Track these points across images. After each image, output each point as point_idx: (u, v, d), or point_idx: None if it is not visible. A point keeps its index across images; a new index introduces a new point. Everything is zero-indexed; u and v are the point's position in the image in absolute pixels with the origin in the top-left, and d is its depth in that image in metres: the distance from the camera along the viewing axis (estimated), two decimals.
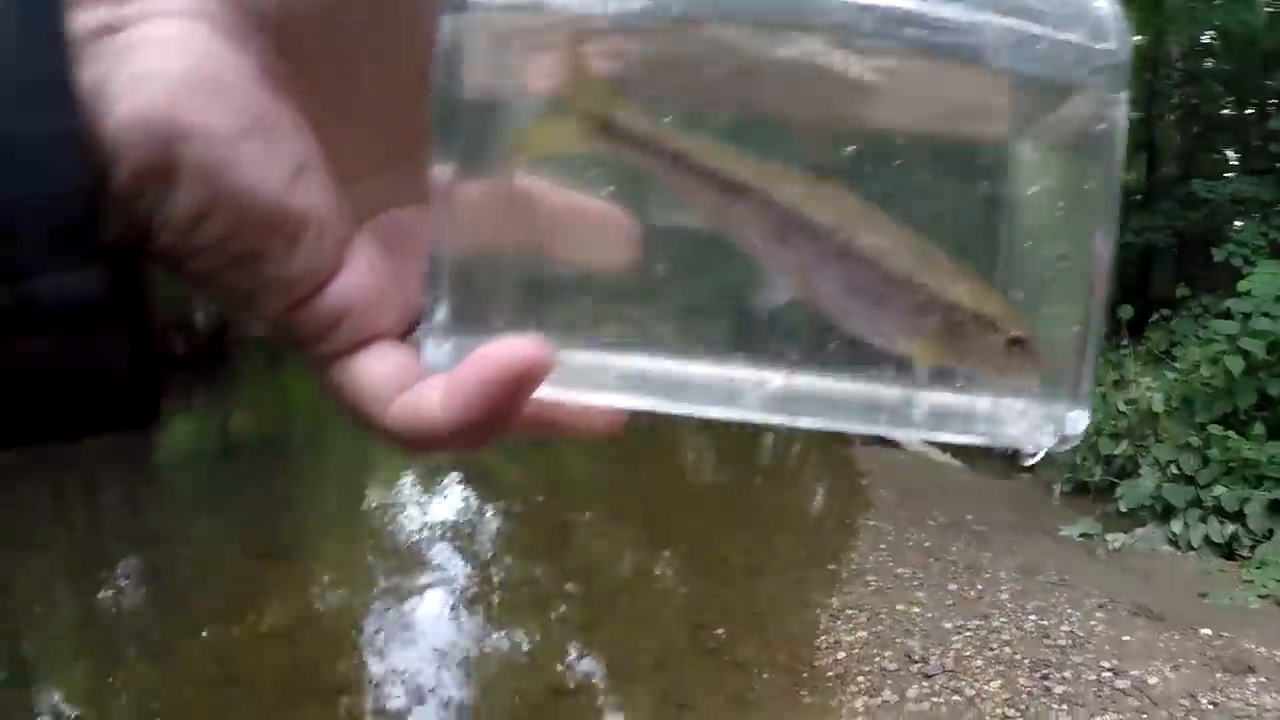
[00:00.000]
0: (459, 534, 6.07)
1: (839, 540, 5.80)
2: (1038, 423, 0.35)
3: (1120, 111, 0.33)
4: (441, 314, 0.33)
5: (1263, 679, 4.06)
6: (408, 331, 0.36)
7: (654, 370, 0.35)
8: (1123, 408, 6.82)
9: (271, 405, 10.85)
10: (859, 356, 0.35)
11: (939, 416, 0.35)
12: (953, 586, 5.08)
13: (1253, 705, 3.84)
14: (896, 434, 0.36)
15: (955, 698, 3.85)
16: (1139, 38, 17.55)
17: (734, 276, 0.35)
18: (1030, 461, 0.36)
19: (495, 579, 5.41)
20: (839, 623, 4.60)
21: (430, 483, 7.07)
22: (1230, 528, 5.33)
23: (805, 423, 0.35)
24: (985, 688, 3.91)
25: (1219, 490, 5.65)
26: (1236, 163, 14.98)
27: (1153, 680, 3.98)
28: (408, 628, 4.62)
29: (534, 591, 5.26)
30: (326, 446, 8.46)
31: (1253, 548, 5.45)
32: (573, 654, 4.49)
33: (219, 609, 4.68)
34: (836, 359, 0.35)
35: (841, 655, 4.25)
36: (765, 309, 0.35)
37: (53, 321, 0.29)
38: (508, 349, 0.31)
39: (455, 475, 7.22)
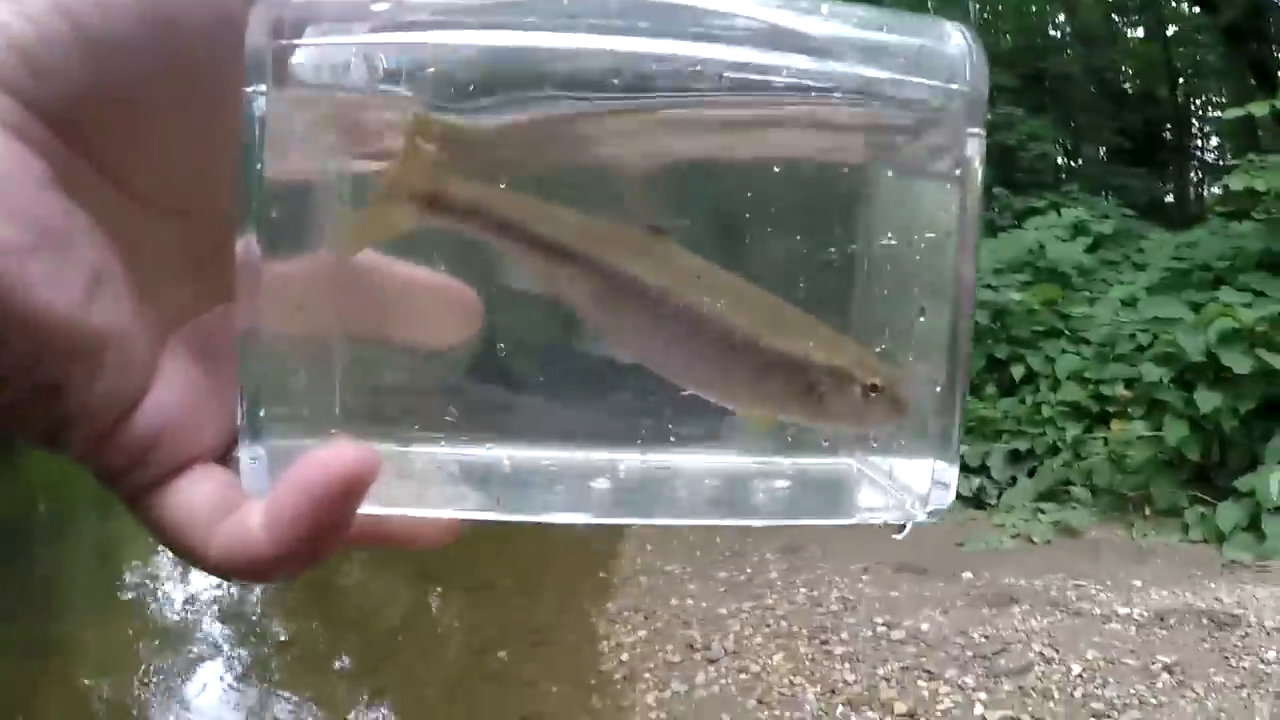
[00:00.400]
0: (224, 602, 5.73)
1: (606, 548, 5.81)
2: (902, 491, 0.34)
3: (975, 145, 0.32)
4: (251, 417, 0.30)
5: (1026, 606, 4.32)
6: (230, 449, 0.33)
7: (483, 471, 0.33)
8: None
9: (7, 489, 10.06)
10: (702, 433, 0.33)
11: (795, 499, 0.34)
12: (723, 574, 5.17)
13: (1021, 630, 4.08)
14: (755, 523, 0.35)
15: (742, 676, 3.89)
16: None
17: (570, 354, 0.34)
18: (900, 535, 0.32)
19: (269, 641, 5.14)
20: (618, 626, 4.59)
21: None
22: (976, 480, 5.67)
23: (658, 520, 0.33)
24: (769, 662, 3.97)
25: (963, 449, 5.97)
26: None
27: (925, 626, 4.15)
28: (186, 708, 4.31)
29: (310, 647, 5.03)
30: (72, 528, 7.90)
31: (999, 495, 5.82)
32: (360, 701, 4.30)
33: None
34: (681, 437, 0.33)
35: (625, 656, 4.24)
36: (601, 384, 0.33)
37: None
38: (328, 459, 0.28)
39: None
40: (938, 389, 0.33)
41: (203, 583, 6.18)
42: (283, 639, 5.18)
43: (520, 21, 0.29)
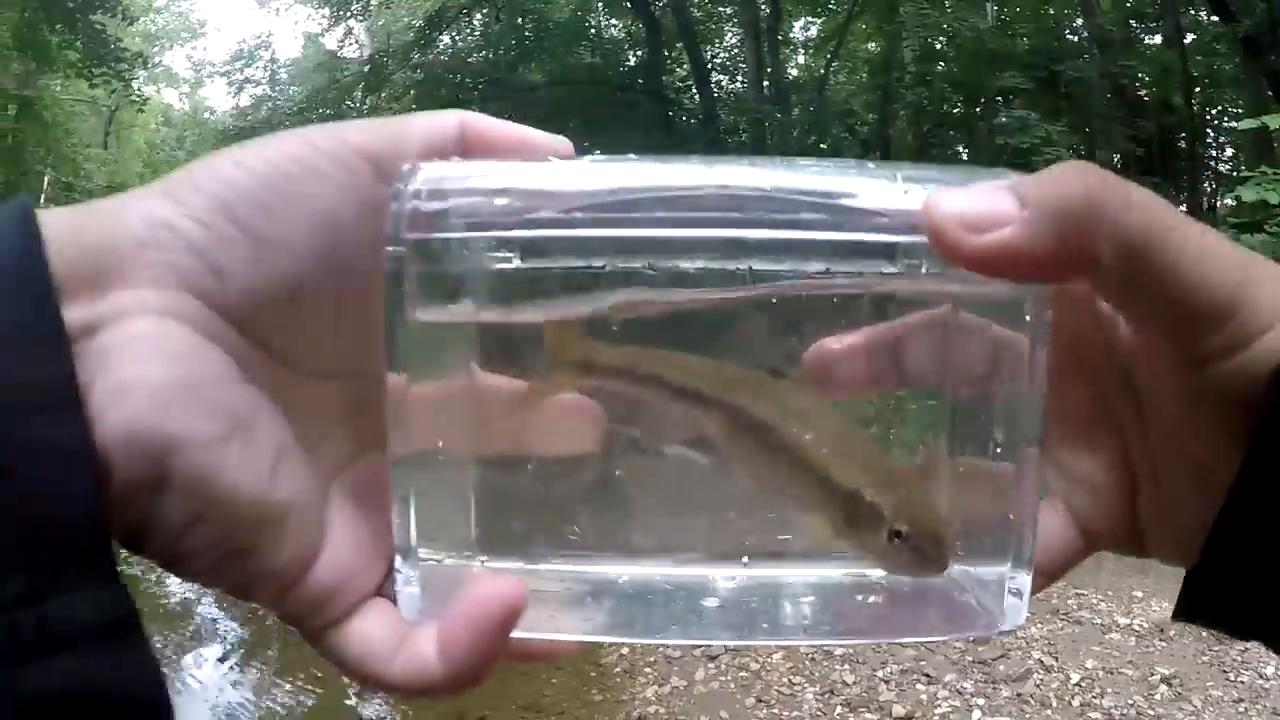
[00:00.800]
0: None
1: None
2: (988, 597, 0.37)
3: (1044, 299, 0.34)
4: (402, 542, 0.35)
5: (1028, 613, 4.29)
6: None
7: (604, 589, 0.38)
8: None
9: None
10: (808, 555, 0.38)
11: (885, 615, 0.38)
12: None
13: (1021, 637, 4.09)
14: (851, 642, 0.41)
15: (742, 674, 3.90)
16: (874, 45, 18.78)
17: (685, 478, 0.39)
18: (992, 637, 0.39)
19: (269, 622, 5.14)
20: None
21: None
22: None
23: (761, 641, 0.40)
24: (769, 660, 3.98)
25: None
26: (966, 156, 16.17)
27: None
28: (186, 691, 4.32)
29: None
30: None
31: None
32: (355, 687, 4.31)
33: None
34: (788, 555, 0.38)
35: (626, 650, 4.25)
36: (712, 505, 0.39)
37: (74, 641, 0.28)
38: (486, 595, 0.33)
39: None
40: (1011, 507, 0.36)
41: None
42: (282, 624, 5.21)
43: (628, 218, 0.34)
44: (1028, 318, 0.34)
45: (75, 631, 0.28)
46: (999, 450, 0.36)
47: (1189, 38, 15.67)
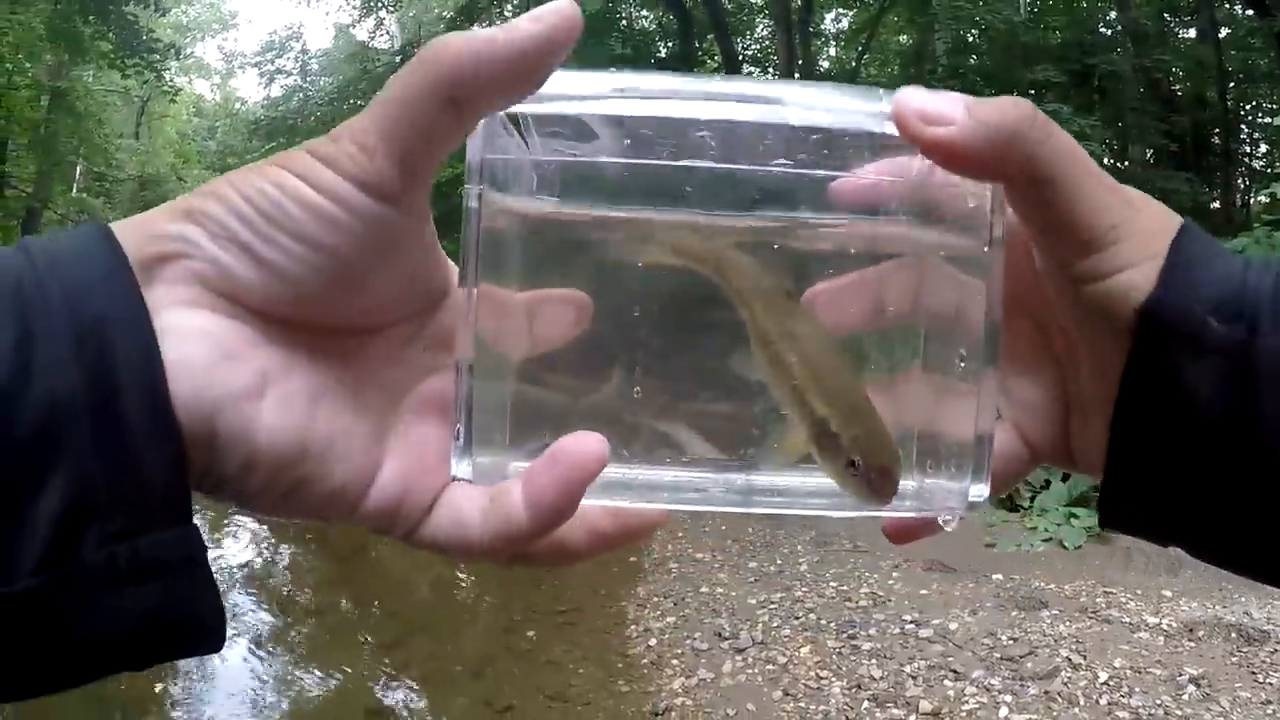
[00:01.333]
0: (252, 571, 5.81)
1: None
2: (951, 497, 0.43)
3: (1001, 225, 0.42)
4: (465, 434, 0.40)
5: (1055, 611, 4.31)
6: None
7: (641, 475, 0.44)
8: None
9: None
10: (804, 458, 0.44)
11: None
12: (753, 564, 5.20)
13: (1049, 634, 4.07)
14: (836, 514, 0.45)
15: (769, 667, 3.91)
16: (906, 38, 18.67)
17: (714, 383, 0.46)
18: (948, 528, 0.43)
19: (296, 613, 5.19)
20: (646, 611, 4.62)
21: (218, 525, 6.75)
22: None
23: (762, 510, 0.45)
24: (797, 654, 3.98)
25: None
26: None
27: (954, 626, 4.15)
28: (212, 678, 4.36)
29: (338, 619, 5.07)
30: None
31: (1032, 498, 5.79)
32: (386, 674, 4.34)
33: None
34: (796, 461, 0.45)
35: (653, 642, 4.26)
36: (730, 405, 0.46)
37: (158, 571, 0.35)
38: (574, 443, 0.38)
39: (241, 513, 6.92)
40: (973, 420, 0.42)
41: (231, 551, 6.27)
42: (310, 610, 5.24)
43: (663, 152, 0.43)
44: (986, 263, 0.41)
45: (159, 564, 0.35)
46: (962, 370, 0.43)
47: (1224, 32, 15.45)
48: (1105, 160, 14.79)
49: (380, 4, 19.50)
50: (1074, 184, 0.40)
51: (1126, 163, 15.32)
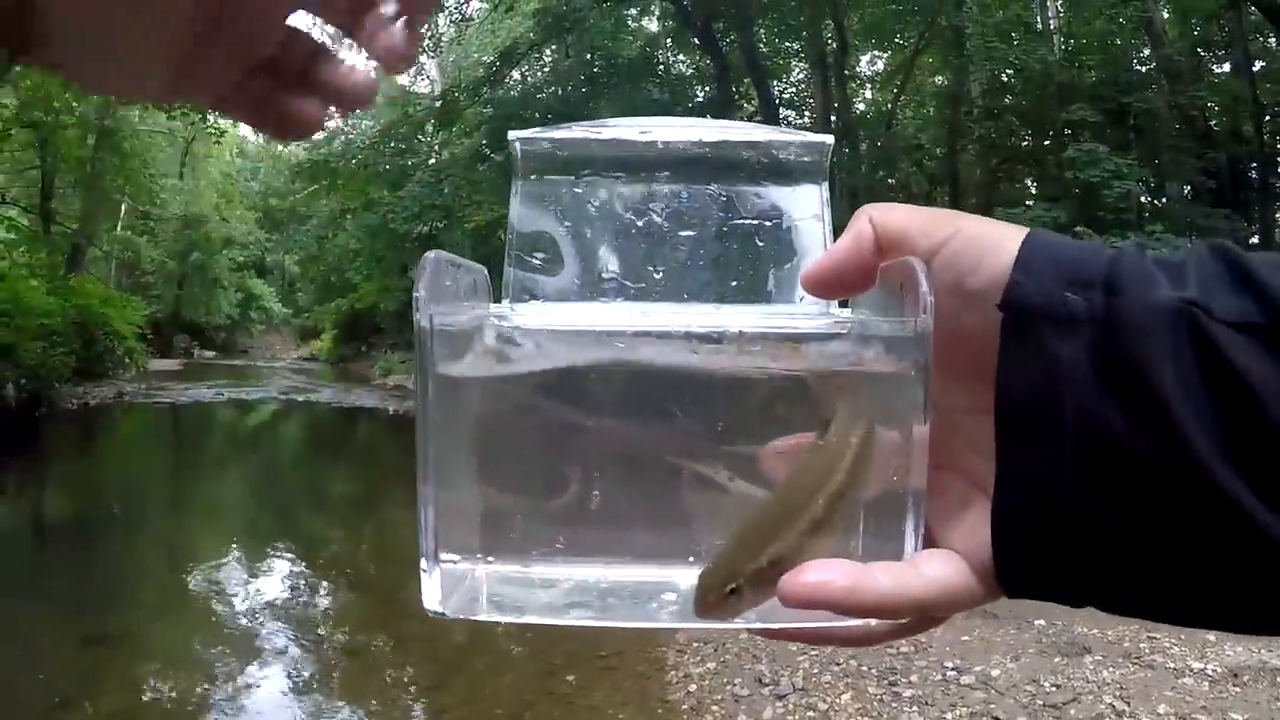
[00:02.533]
0: (290, 608, 5.82)
1: None
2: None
3: (926, 361, 0.43)
4: (428, 546, 0.44)
5: (1099, 656, 4.24)
6: None
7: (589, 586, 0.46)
8: None
9: (84, 483, 10.34)
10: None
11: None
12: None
13: (1092, 681, 4.01)
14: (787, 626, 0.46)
15: (810, 713, 3.86)
16: (941, 79, 18.69)
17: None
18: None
19: (332, 651, 5.19)
20: (686, 657, 4.59)
21: (256, 559, 6.80)
22: None
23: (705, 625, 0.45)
24: (837, 700, 3.93)
25: None
26: (1035, 190, 15.98)
27: (995, 672, 4.09)
28: (245, 713, 4.36)
29: (375, 658, 5.06)
30: (144, 528, 8.09)
31: None
32: (422, 716, 4.33)
33: (48, 702, 4.31)
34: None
35: (693, 688, 4.23)
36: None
37: None
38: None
39: (282, 549, 7.02)
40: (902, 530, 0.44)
41: (268, 587, 6.30)
42: (348, 648, 5.24)
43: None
44: (914, 354, 0.43)
45: None
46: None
47: (1257, 65, 15.38)
48: (1143, 198, 14.68)
49: (421, 49, 19.82)
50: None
51: (1164, 200, 15.22)
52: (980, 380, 0.43)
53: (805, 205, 0.56)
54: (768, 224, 0.56)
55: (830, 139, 0.56)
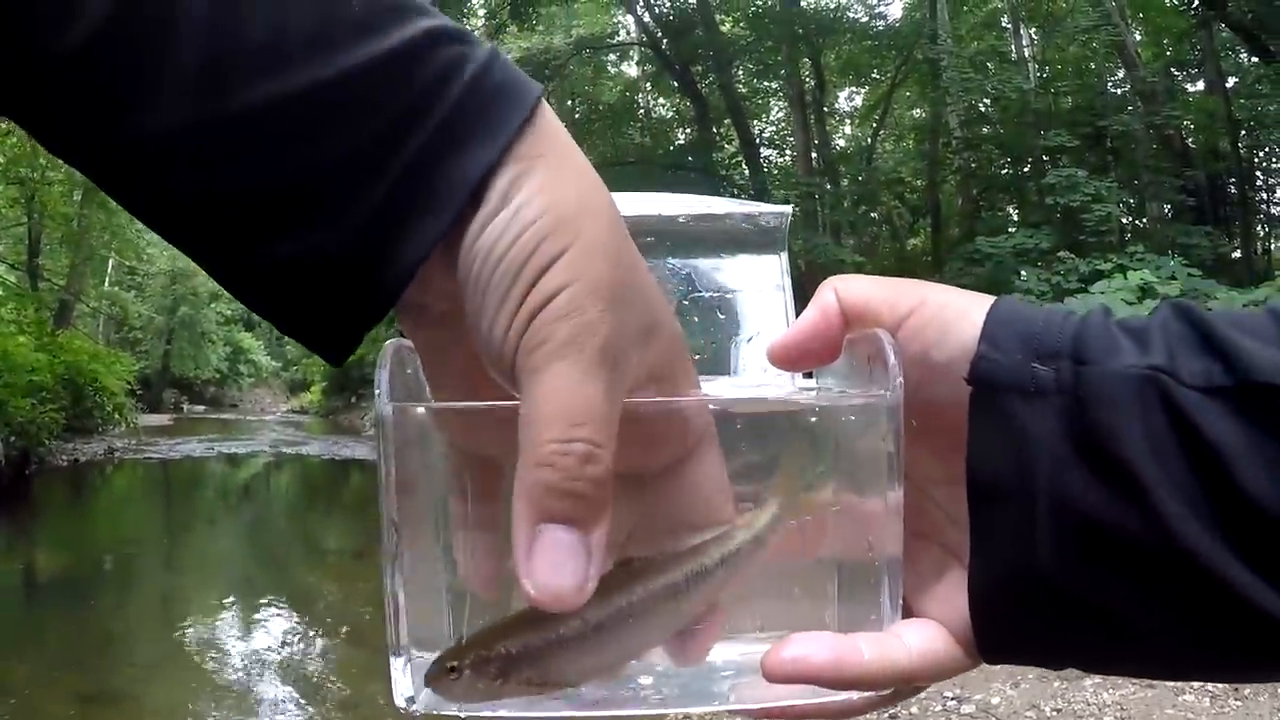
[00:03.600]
0: (286, 662, 5.78)
1: None
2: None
3: (897, 432, 0.43)
4: (396, 640, 0.43)
5: (1098, 679, 4.21)
6: None
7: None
8: None
9: (76, 539, 10.27)
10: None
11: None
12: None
13: (1093, 704, 4.00)
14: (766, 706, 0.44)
15: None
16: (919, 112, 18.87)
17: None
18: None
19: (329, 704, 5.14)
20: None
21: (250, 613, 6.76)
22: None
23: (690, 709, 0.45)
24: None
25: None
26: (1017, 217, 16.09)
27: (995, 700, 4.07)
28: None
29: (373, 711, 5.01)
30: (137, 581, 8.05)
31: None
32: None
33: None
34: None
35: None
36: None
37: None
38: None
39: (276, 602, 7.01)
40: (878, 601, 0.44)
41: (266, 641, 6.26)
42: (346, 701, 5.20)
43: None
44: (886, 426, 0.42)
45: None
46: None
47: (1230, 81, 15.56)
48: (1124, 220, 14.81)
49: None
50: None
51: (1145, 220, 15.35)
52: (952, 451, 0.43)
53: (766, 276, 0.57)
54: (728, 296, 0.56)
55: (788, 209, 0.57)
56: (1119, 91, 16.60)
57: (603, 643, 0.41)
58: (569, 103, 18.82)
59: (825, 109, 18.23)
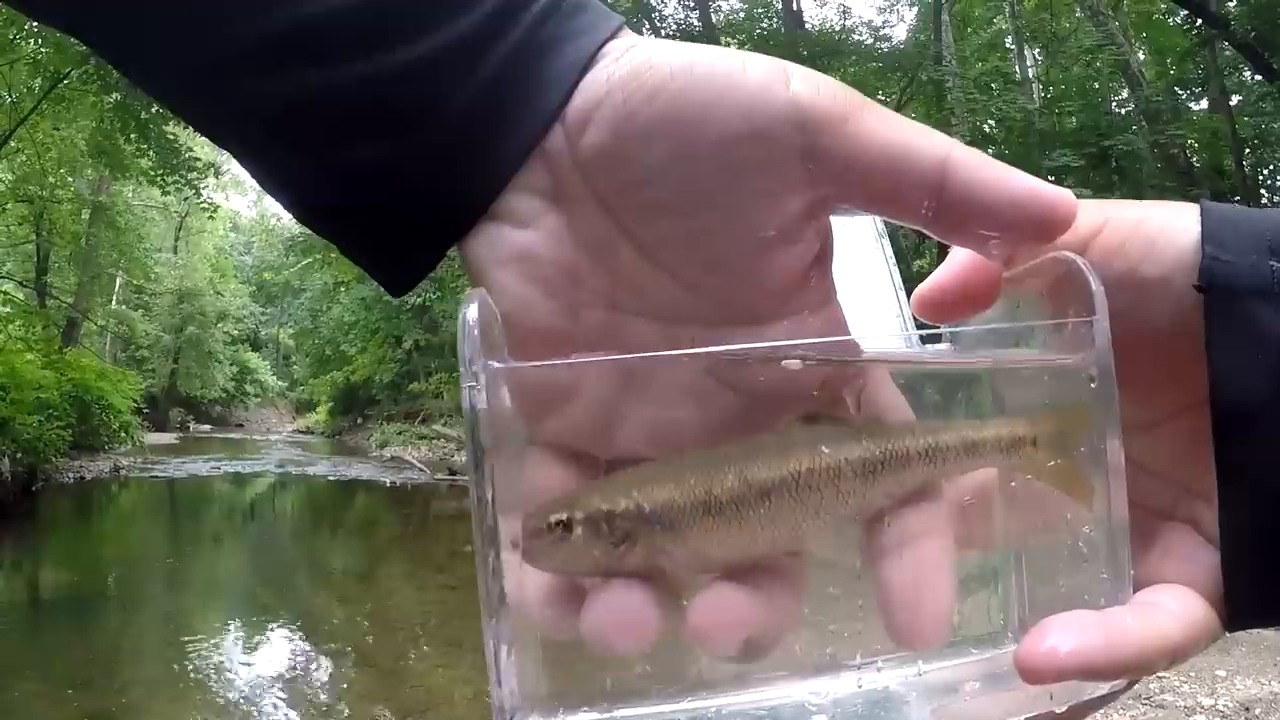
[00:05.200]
0: (291, 682, 5.75)
1: None
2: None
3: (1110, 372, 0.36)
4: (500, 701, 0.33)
5: None
6: None
7: None
8: None
9: (81, 557, 10.25)
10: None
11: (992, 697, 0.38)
12: None
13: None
14: None
15: None
16: None
17: None
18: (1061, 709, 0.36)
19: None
20: None
21: (256, 633, 6.74)
22: None
23: None
24: None
25: None
26: None
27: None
28: None
29: None
30: (142, 599, 8.02)
31: None
32: None
33: None
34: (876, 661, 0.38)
35: None
36: None
37: None
38: None
39: (280, 623, 6.99)
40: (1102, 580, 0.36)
41: (271, 661, 6.24)
42: None
43: None
44: (1093, 384, 0.36)
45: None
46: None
47: (1234, 99, 15.59)
48: None
49: None
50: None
51: None
52: (1156, 390, 0.38)
53: (862, 233, 0.47)
54: None
55: None
56: (1123, 111, 16.65)
57: (763, 515, 0.33)
58: None
59: None
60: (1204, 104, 16.76)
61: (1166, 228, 0.37)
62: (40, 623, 7.45)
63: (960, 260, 0.40)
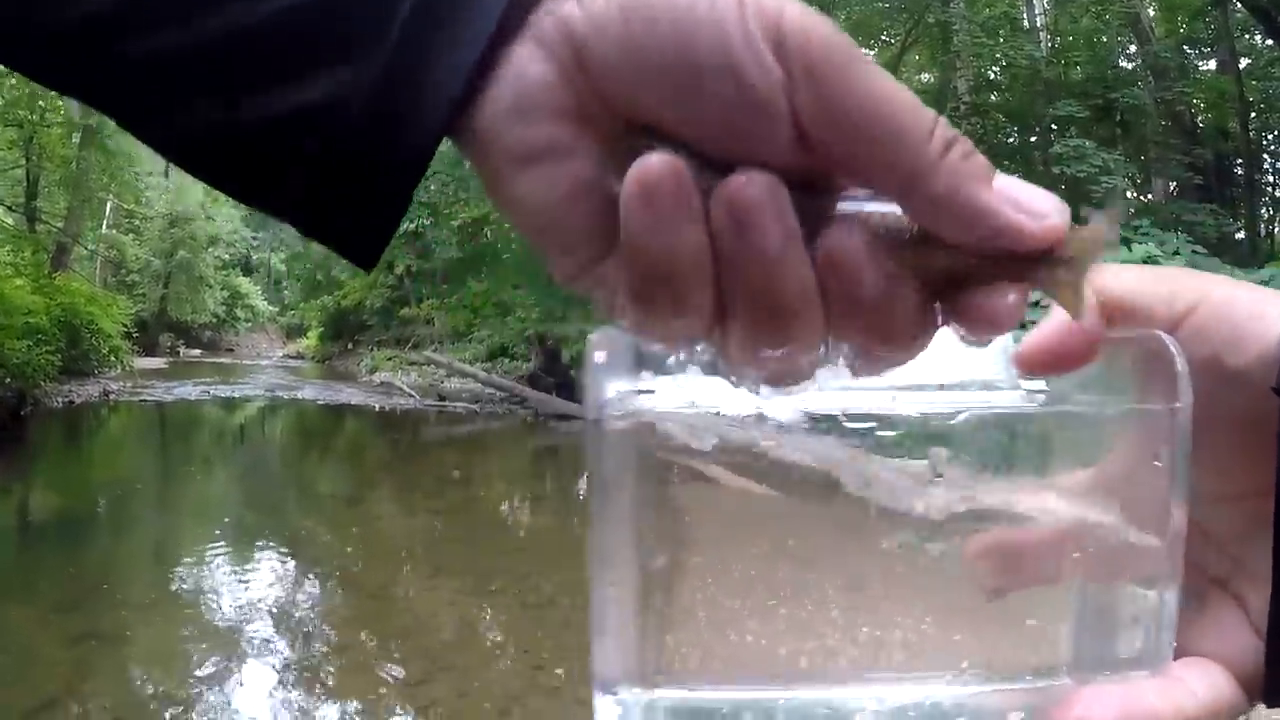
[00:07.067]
0: (277, 606, 5.80)
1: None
2: None
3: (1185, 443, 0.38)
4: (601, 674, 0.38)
5: None
6: None
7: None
8: None
9: (71, 481, 10.30)
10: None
11: None
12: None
13: None
14: None
15: None
16: (928, 77, 18.74)
17: None
18: None
19: (319, 648, 5.16)
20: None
21: (243, 556, 6.78)
22: None
23: None
24: None
25: None
26: None
27: None
28: (232, 709, 4.34)
29: (362, 656, 5.04)
30: (131, 523, 8.07)
31: None
32: (410, 713, 4.32)
33: (38, 701, 4.28)
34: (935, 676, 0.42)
35: None
36: None
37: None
38: None
39: (268, 546, 7.01)
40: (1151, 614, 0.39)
41: (258, 584, 6.29)
42: (334, 647, 5.22)
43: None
44: (1168, 441, 0.38)
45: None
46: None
47: (1244, 62, 15.48)
48: (1130, 193, 14.76)
49: None
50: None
51: (1150, 196, 15.29)
52: (1233, 466, 0.39)
53: None
54: None
55: None
56: (1130, 66, 16.50)
57: None
58: None
59: None
60: (1212, 64, 16.61)
61: (1254, 317, 0.38)
62: (29, 547, 7.49)
63: (1062, 318, 0.40)
